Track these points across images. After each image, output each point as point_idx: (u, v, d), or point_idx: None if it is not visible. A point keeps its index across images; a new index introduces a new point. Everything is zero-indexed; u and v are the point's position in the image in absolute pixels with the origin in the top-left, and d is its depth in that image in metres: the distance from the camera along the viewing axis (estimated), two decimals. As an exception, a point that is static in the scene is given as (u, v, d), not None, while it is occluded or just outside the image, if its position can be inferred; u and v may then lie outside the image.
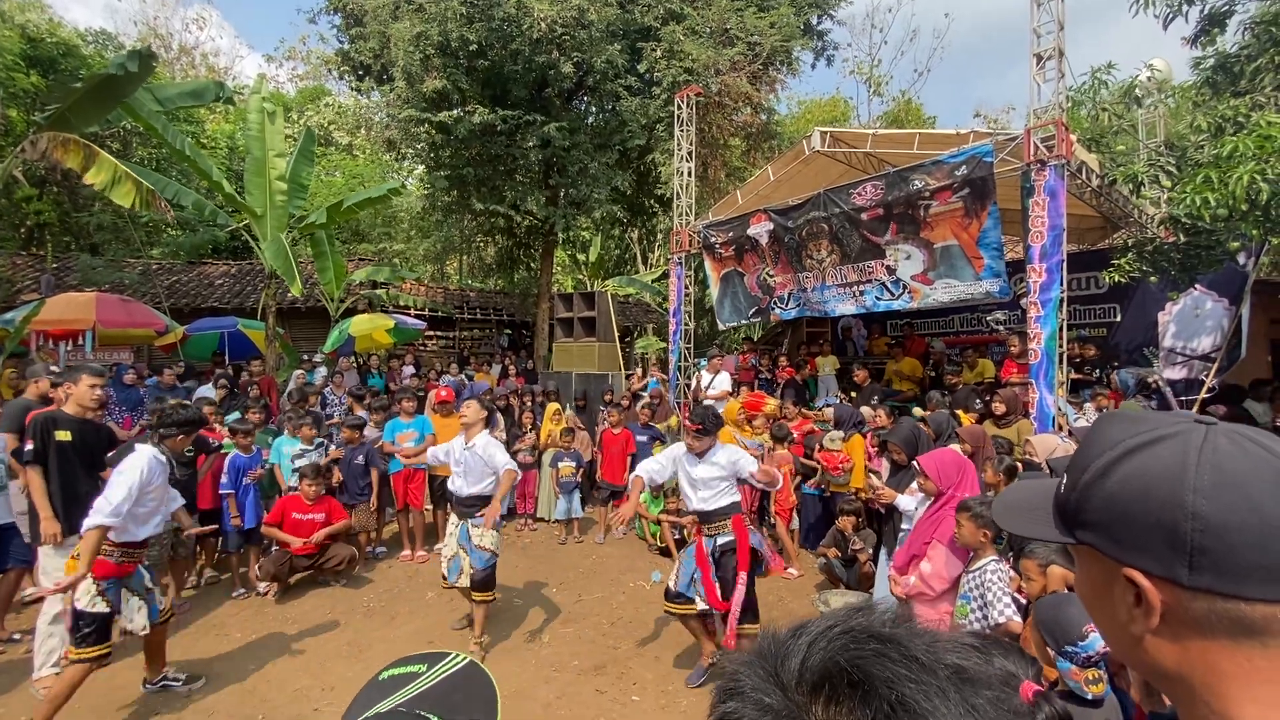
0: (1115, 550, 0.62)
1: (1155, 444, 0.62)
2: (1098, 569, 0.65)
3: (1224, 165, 4.97)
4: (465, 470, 4.53)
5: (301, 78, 25.53)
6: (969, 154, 6.23)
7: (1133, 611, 0.61)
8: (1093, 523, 0.64)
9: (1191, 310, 7.73)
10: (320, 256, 11.33)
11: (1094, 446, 0.67)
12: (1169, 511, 0.58)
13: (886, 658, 0.46)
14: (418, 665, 0.88)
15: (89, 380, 4.10)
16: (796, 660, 0.48)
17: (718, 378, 8.46)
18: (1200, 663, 0.59)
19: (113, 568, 3.45)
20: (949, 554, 3.21)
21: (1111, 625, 0.65)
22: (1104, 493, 0.63)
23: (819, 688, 0.46)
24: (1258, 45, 6.26)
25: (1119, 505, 0.62)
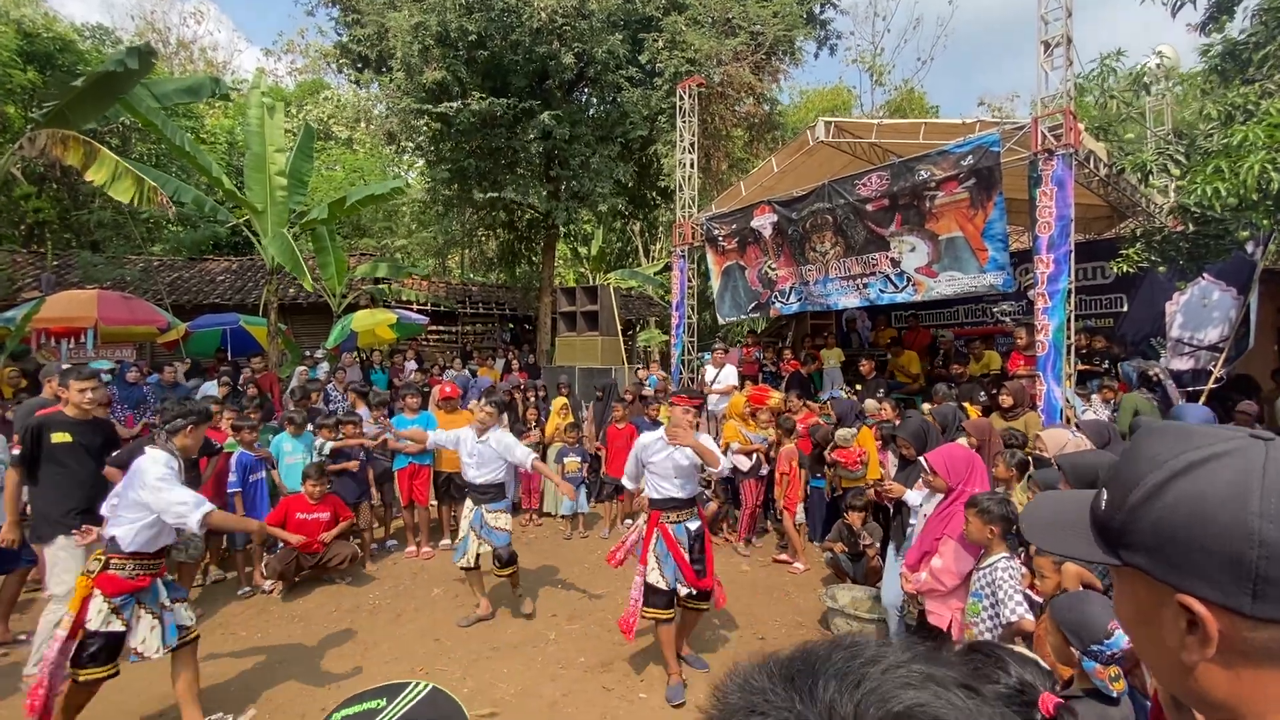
0: (1168, 575, 0.58)
1: (1211, 462, 0.58)
2: (1145, 592, 0.61)
3: (1234, 154, 4.90)
4: (479, 461, 4.80)
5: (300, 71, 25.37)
6: (975, 144, 6.16)
7: (1185, 639, 0.57)
8: (1142, 545, 0.60)
9: (1199, 300, 7.66)
10: (322, 252, 11.29)
11: (1140, 462, 0.63)
12: (1231, 538, 0.54)
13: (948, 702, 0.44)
14: (376, 700, 0.83)
15: (78, 385, 4.05)
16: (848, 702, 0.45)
17: (723, 371, 8.42)
18: (1253, 691, 0.56)
19: (126, 583, 3.19)
20: (960, 550, 3.18)
21: (1157, 650, 0.62)
22: (1155, 514, 0.59)
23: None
24: (1266, 32, 6.17)
25: (1173, 528, 0.58)
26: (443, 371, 10.20)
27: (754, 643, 4.64)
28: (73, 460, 4.07)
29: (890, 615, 4.45)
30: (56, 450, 4.04)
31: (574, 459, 7.22)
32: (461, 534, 4.89)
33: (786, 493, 6.28)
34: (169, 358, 10.21)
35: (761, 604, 5.35)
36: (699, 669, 4.17)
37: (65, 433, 4.06)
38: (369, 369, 10.54)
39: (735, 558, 6.49)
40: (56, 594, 3.92)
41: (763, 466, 6.76)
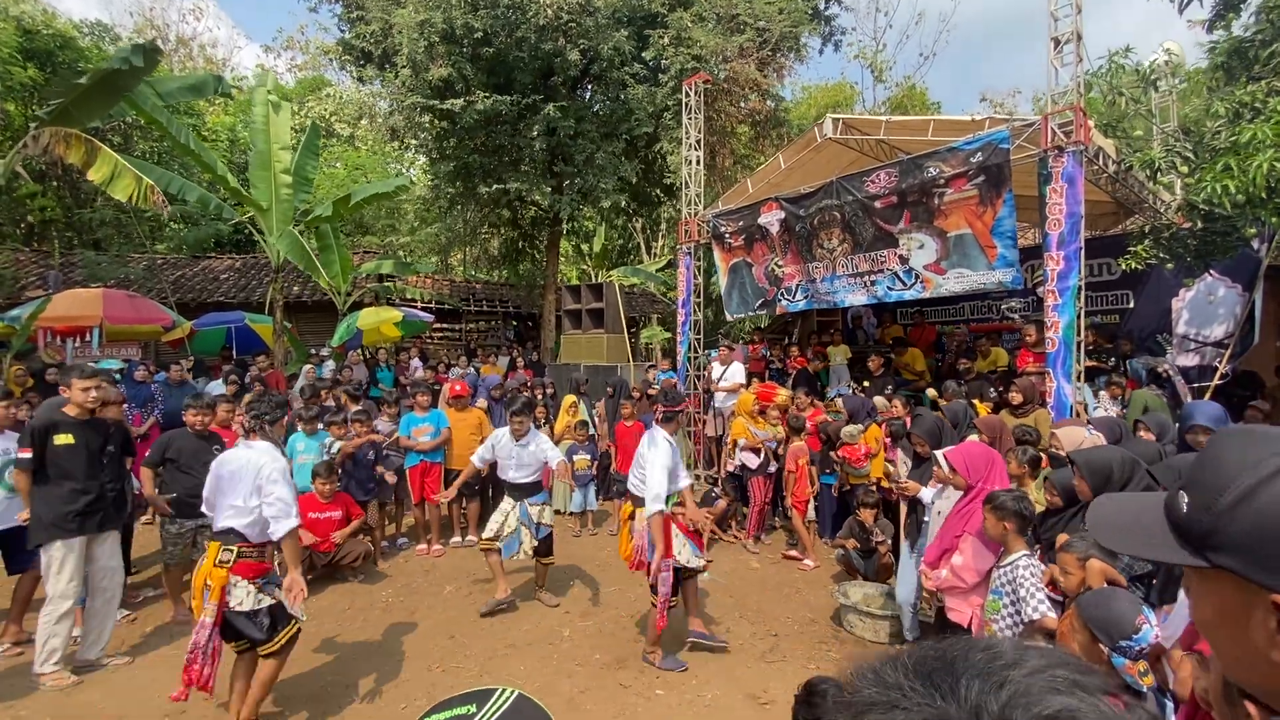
0: (1261, 576, 0.59)
1: None
2: (1232, 593, 0.62)
3: (1243, 152, 4.91)
4: (518, 463, 5.14)
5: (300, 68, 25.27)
6: (985, 140, 6.15)
7: (1276, 638, 0.58)
8: (1234, 546, 0.61)
9: (1205, 297, 7.68)
10: (326, 249, 11.28)
11: (1227, 465, 0.64)
12: None
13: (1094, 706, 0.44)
14: (465, 706, 0.84)
15: (80, 384, 4.04)
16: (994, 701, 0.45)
17: (730, 369, 8.43)
18: None
19: (262, 565, 3.47)
20: (980, 547, 3.20)
21: (1241, 649, 0.62)
22: (1250, 516, 0.60)
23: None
24: (1272, 29, 6.17)
25: (1269, 529, 0.59)
26: (449, 369, 10.21)
27: (767, 639, 4.66)
28: (74, 462, 4.03)
29: (904, 612, 4.48)
30: (60, 452, 4.01)
31: (583, 456, 7.24)
32: (510, 528, 5.06)
33: (795, 490, 6.29)
34: (174, 356, 10.21)
35: (772, 601, 5.38)
36: (679, 670, 4.17)
37: (68, 434, 4.04)
38: (374, 367, 10.55)
39: (745, 555, 6.52)
40: (53, 594, 3.92)
41: (771, 464, 6.78)
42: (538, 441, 5.14)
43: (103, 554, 4.17)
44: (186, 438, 4.85)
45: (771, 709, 3.77)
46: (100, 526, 4.14)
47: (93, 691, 3.84)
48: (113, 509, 4.25)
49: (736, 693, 3.93)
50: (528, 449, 5.10)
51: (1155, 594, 2.45)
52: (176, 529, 4.79)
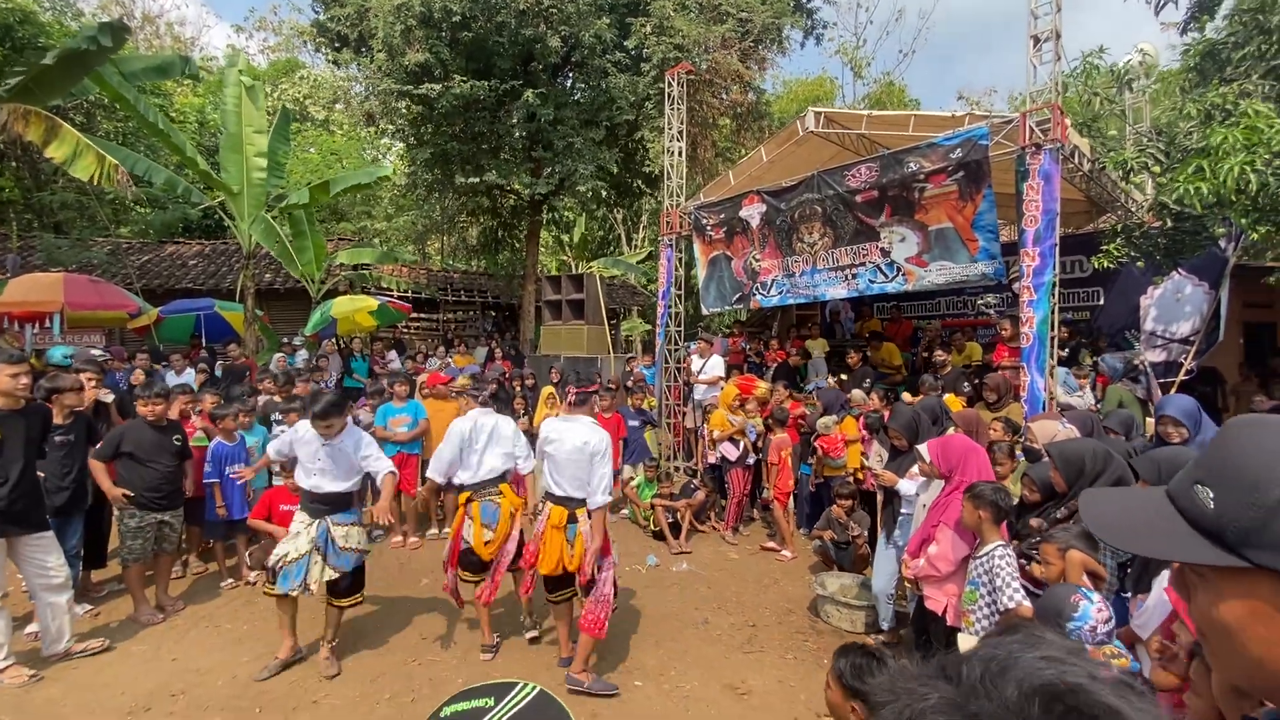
0: None
1: None
2: (1270, 592, 0.60)
3: (1214, 155, 5.02)
4: (324, 468, 3.98)
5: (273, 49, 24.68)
6: (964, 137, 6.21)
7: None
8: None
9: (1173, 294, 7.87)
10: (300, 236, 11.04)
11: (1259, 457, 0.61)
12: None
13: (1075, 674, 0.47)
14: (484, 699, 0.81)
15: (7, 370, 3.83)
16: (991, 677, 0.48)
17: (710, 362, 8.44)
18: None
19: None
20: (955, 537, 3.25)
21: (1272, 649, 0.60)
22: None
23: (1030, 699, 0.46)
24: (1244, 33, 6.31)
25: None
26: (425, 360, 10.07)
27: (745, 630, 4.69)
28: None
29: (880, 602, 4.54)
30: None
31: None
32: (297, 553, 3.91)
33: (777, 482, 6.33)
34: (140, 343, 9.92)
35: (751, 591, 5.41)
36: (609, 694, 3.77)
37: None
38: (349, 357, 10.36)
39: (723, 546, 6.55)
40: None
41: (749, 456, 6.81)
42: (361, 444, 4.06)
43: (29, 552, 3.89)
44: (143, 429, 4.64)
45: (749, 699, 3.79)
46: (19, 524, 3.82)
47: (53, 688, 3.72)
48: (31, 505, 3.92)
49: (714, 683, 3.95)
50: (341, 450, 3.97)
51: (1130, 582, 2.50)
52: (136, 522, 4.55)
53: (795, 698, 3.81)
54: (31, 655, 3.97)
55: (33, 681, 3.73)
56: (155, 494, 4.60)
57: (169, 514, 4.72)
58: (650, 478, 7.00)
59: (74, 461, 4.49)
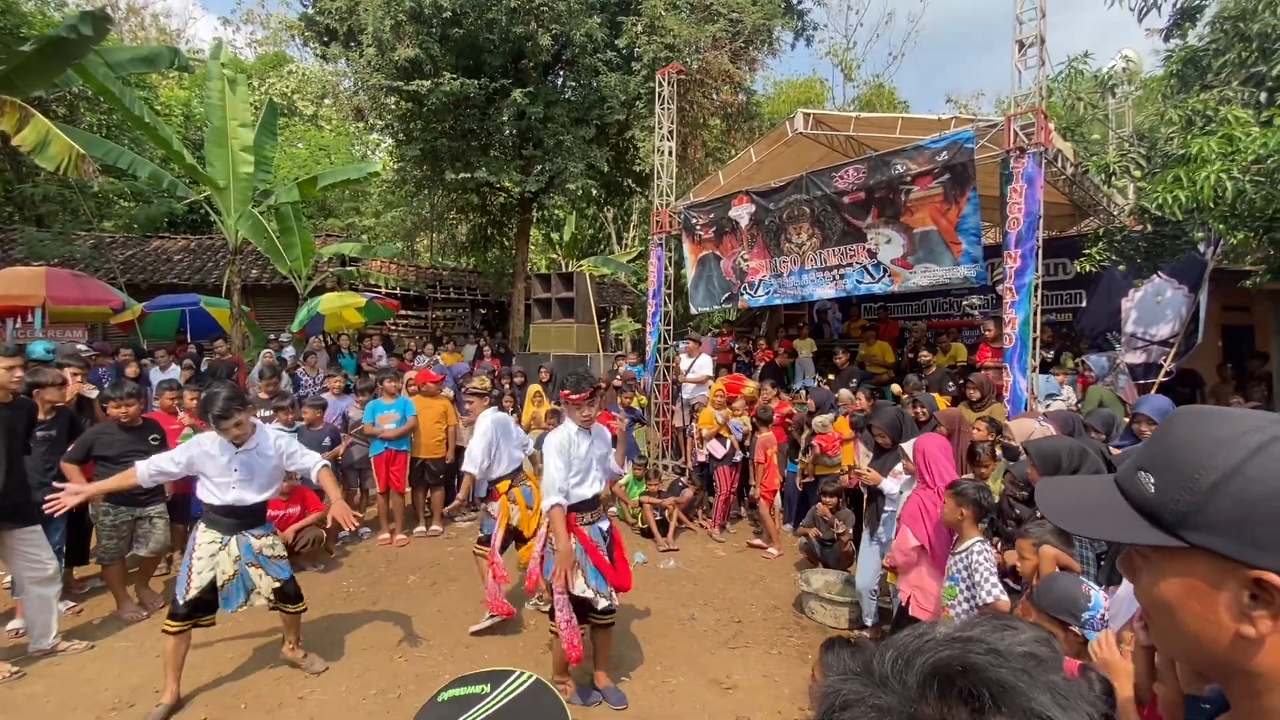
0: (1247, 553, 0.60)
1: (1277, 442, 0.61)
2: (1203, 571, 0.63)
3: (1192, 163, 5.11)
4: (240, 478, 3.59)
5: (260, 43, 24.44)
6: (950, 140, 6.30)
7: (1250, 613, 0.60)
8: (1215, 524, 0.62)
9: (1153, 297, 8.00)
10: (287, 232, 10.95)
11: (1196, 445, 0.64)
12: None
13: (975, 652, 0.51)
14: (480, 685, 0.84)
15: (4, 363, 3.80)
16: (898, 664, 0.52)
17: (698, 361, 8.48)
18: None
19: None
20: (906, 532, 3.49)
21: (1205, 626, 0.64)
22: (1235, 493, 0.61)
23: (928, 682, 0.49)
24: (1225, 40, 6.43)
25: (1258, 506, 0.60)
26: (414, 357, 10.04)
27: (731, 626, 4.73)
28: None
29: (863, 598, 4.60)
30: None
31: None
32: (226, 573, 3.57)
33: (763, 480, 6.39)
34: (124, 339, 9.81)
35: (737, 588, 5.45)
36: (618, 706, 3.64)
37: None
38: (336, 353, 10.31)
39: (711, 543, 6.59)
40: None
41: (736, 454, 6.86)
42: (279, 444, 3.69)
43: (20, 546, 3.88)
44: (114, 432, 4.55)
45: (734, 693, 3.83)
46: (11, 518, 3.82)
47: (36, 684, 3.69)
48: (23, 499, 3.91)
49: (700, 678, 3.99)
50: (260, 456, 3.60)
51: (1103, 575, 2.56)
52: (111, 520, 4.51)
53: (779, 692, 3.86)
54: (14, 651, 3.94)
55: (15, 678, 3.71)
56: (135, 489, 4.56)
57: (149, 509, 4.68)
58: (638, 476, 7.03)
59: (56, 457, 4.44)
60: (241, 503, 3.59)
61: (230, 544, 3.60)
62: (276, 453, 3.67)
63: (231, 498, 3.56)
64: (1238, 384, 7.75)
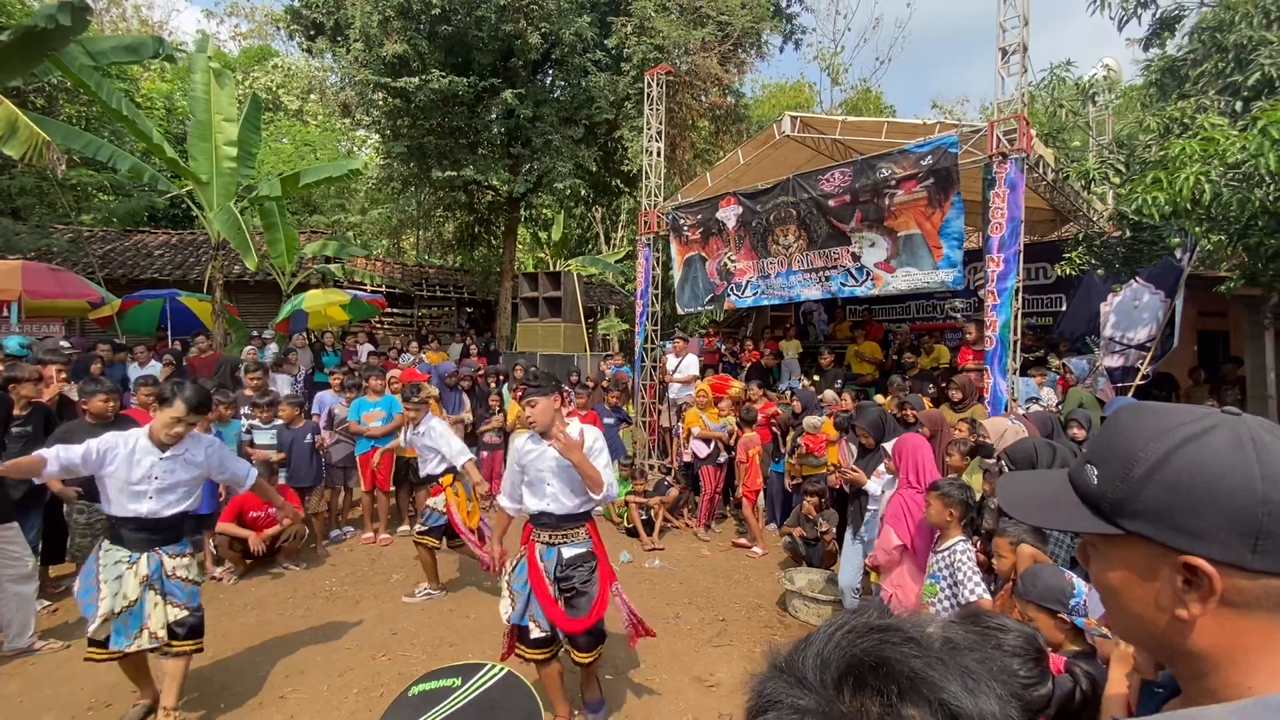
0: (1174, 538, 0.63)
1: (1206, 434, 0.64)
2: (1140, 557, 0.66)
3: (1171, 166, 5.22)
4: (158, 488, 3.21)
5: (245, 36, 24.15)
6: (934, 144, 6.37)
7: (1183, 597, 0.63)
8: (1146, 512, 0.65)
9: (1130, 302, 8.14)
10: (271, 228, 10.83)
11: (1132, 438, 0.68)
12: (1240, 499, 0.60)
13: (891, 643, 0.52)
14: (451, 679, 0.83)
15: None
16: (816, 662, 0.53)
17: (684, 360, 8.51)
18: (1231, 640, 0.62)
19: None
20: (888, 530, 3.54)
21: (1146, 609, 0.66)
22: (1163, 482, 0.64)
23: (843, 680, 0.51)
24: (1203, 50, 6.57)
25: (1182, 494, 0.63)
26: (399, 355, 9.97)
27: (715, 624, 4.76)
28: None
29: (845, 596, 4.64)
30: None
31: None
32: (127, 599, 3.11)
33: (746, 480, 6.42)
34: (101, 335, 9.65)
35: (722, 587, 5.48)
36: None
37: None
38: (320, 351, 10.22)
39: (696, 542, 6.62)
40: None
41: (721, 454, 6.90)
42: (211, 454, 3.38)
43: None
44: (86, 430, 4.37)
45: (717, 691, 3.85)
46: None
47: (11, 684, 3.63)
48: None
49: (684, 676, 4.00)
50: (190, 463, 3.24)
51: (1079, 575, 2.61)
52: (85, 518, 4.44)
53: (762, 690, 3.88)
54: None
55: (-13, 678, 3.64)
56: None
57: None
58: (624, 475, 7.04)
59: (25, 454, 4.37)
60: (156, 515, 3.16)
61: (140, 562, 3.13)
62: (205, 460, 3.34)
63: (146, 508, 3.14)
64: (1211, 387, 7.92)
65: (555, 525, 3.24)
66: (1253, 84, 5.82)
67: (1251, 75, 5.81)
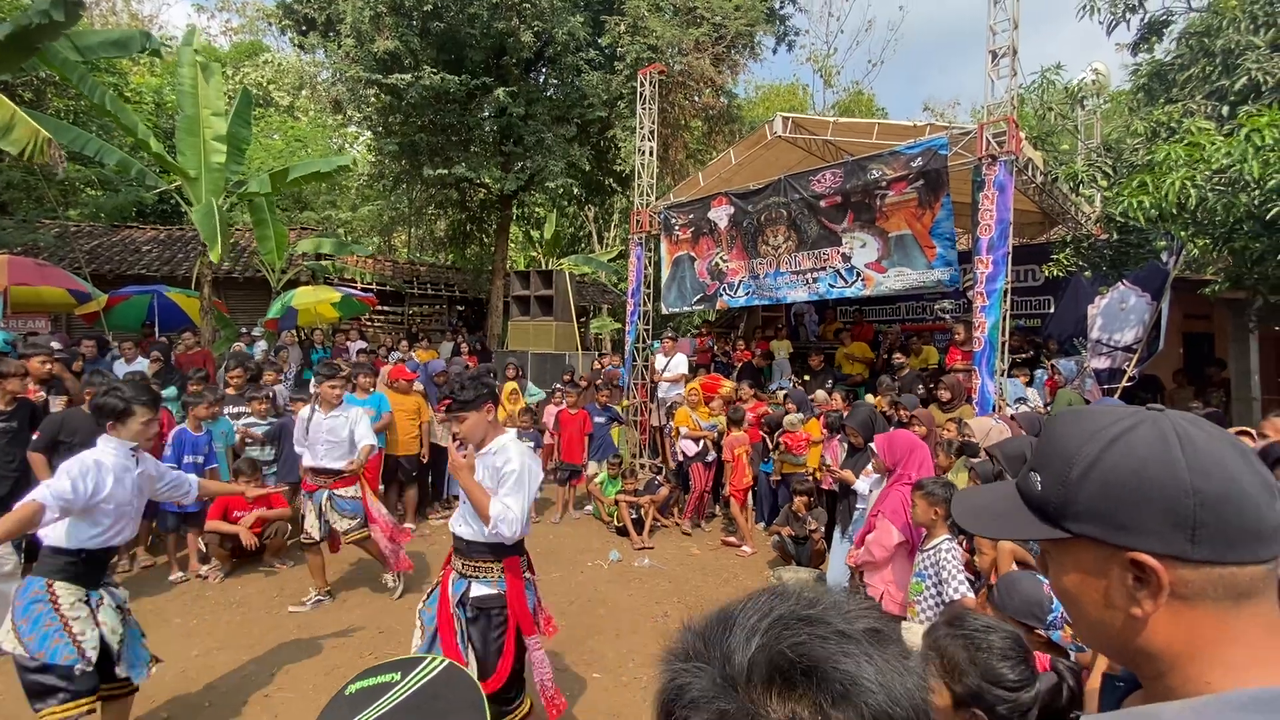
0: (1117, 536, 0.64)
1: (1131, 432, 0.65)
2: (1090, 558, 0.67)
3: (1158, 171, 5.27)
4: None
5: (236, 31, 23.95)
6: (925, 146, 6.41)
7: (1135, 594, 0.63)
8: (1087, 513, 0.66)
9: (1117, 304, 8.21)
10: (260, 224, 10.75)
11: (1067, 441, 0.69)
12: (1169, 491, 0.61)
13: (821, 638, 0.50)
14: (390, 674, 0.82)
15: None
16: (741, 658, 0.50)
17: (673, 360, 8.52)
18: (1187, 634, 0.62)
19: None
20: (891, 525, 3.44)
21: (1102, 612, 0.67)
22: (1097, 482, 0.65)
23: (771, 681, 0.49)
24: (1190, 55, 6.65)
25: (1116, 491, 0.64)
26: (389, 353, 9.92)
27: (704, 624, 4.76)
28: None
29: (834, 595, 4.66)
30: None
31: (526, 443, 7.17)
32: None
33: (733, 479, 6.45)
34: (87, 331, 9.55)
35: (711, 586, 5.49)
36: None
37: None
38: (310, 348, 10.15)
39: (685, 541, 6.63)
40: None
41: (709, 453, 6.93)
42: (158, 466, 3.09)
43: None
44: (82, 417, 4.45)
45: (706, 690, 3.86)
46: None
47: (-11, 684, 3.59)
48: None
49: (672, 675, 4.00)
50: (146, 476, 2.93)
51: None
52: None
53: (750, 688, 3.89)
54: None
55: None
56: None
57: None
58: (614, 474, 7.04)
59: (16, 449, 4.35)
60: (117, 541, 2.80)
61: (104, 598, 2.79)
62: (158, 473, 3.04)
63: (119, 535, 2.78)
64: (1196, 389, 8.00)
65: (465, 553, 2.78)
66: (1239, 89, 5.89)
67: (1238, 80, 5.88)
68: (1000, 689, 1.39)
